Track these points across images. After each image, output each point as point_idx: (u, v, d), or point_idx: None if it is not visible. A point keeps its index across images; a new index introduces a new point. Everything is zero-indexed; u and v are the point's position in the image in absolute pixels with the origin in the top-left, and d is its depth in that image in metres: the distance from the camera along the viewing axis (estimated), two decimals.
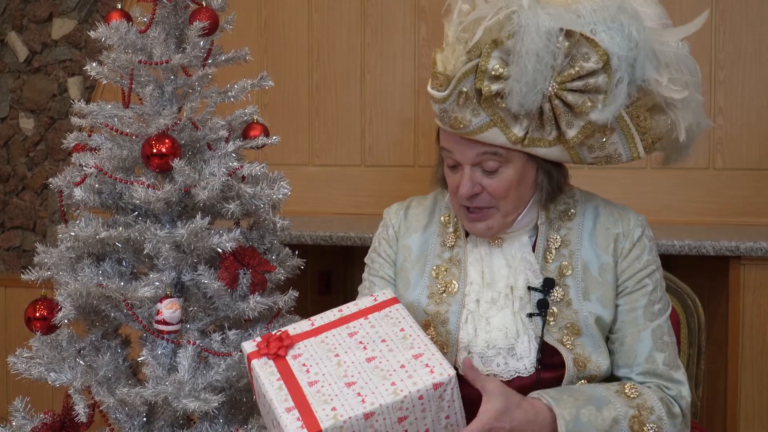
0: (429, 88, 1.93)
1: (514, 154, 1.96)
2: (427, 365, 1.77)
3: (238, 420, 2.22)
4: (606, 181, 3.25)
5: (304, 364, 1.83)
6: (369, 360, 1.81)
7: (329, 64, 3.98)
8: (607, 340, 2.02)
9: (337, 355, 1.84)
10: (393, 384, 1.74)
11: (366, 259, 2.25)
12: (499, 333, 1.99)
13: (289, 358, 1.85)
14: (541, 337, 1.95)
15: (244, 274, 2.16)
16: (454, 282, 2.06)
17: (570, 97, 1.87)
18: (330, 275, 3.86)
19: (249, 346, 1.89)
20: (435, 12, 3.72)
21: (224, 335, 2.16)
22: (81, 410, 2.07)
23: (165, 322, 2.08)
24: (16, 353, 2.20)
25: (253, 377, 1.87)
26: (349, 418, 1.68)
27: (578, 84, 1.87)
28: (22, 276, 2.18)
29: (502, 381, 1.92)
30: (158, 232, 2.10)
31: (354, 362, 1.82)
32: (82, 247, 2.15)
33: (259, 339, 1.89)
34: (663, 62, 1.96)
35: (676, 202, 3.55)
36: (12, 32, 4.52)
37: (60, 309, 2.09)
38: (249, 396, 2.23)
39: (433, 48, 2.19)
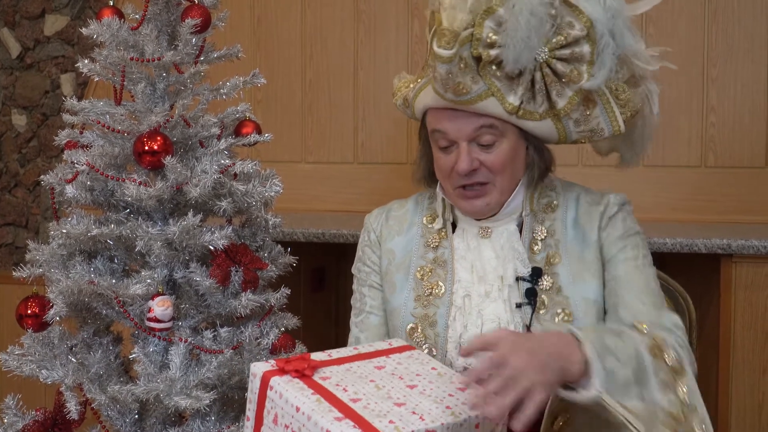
0: (436, 48, 1.91)
1: (509, 128, 2.00)
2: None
3: (230, 417, 2.22)
4: (597, 178, 3.25)
5: (338, 384, 1.66)
6: (411, 387, 1.69)
7: (322, 61, 3.98)
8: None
9: (372, 381, 1.69)
10: (448, 407, 1.62)
11: (353, 270, 2.25)
12: (493, 324, 1.99)
13: (316, 378, 1.69)
14: (528, 327, 1.95)
15: (236, 271, 2.15)
16: (440, 284, 2.07)
17: (559, 66, 1.93)
18: (323, 272, 3.86)
19: (262, 366, 1.73)
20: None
21: (216, 333, 2.16)
22: (73, 407, 2.06)
23: (157, 320, 2.08)
24: (8, 350, 2.20)
25: (269, 398, 1.69)
26: (413, 431, 1.53)
27: (566, 52, 1.93)
28: (14, 273, 2.18)
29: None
30: (150, 229, 2.10)
31: (395, 388, 1.67)
32: (74, 245, 2.14)
33: (271, 361, 1.75)
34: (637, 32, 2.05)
35: (668, 200, 3.56)
36: (4, 28, 4.51)
37: (52, 306, 2.09)
38: (241, 393, 2.23)
39: (427, 45, 2.20)
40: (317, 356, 1.79)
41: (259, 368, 1.73)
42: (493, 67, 1.93)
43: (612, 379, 1.66)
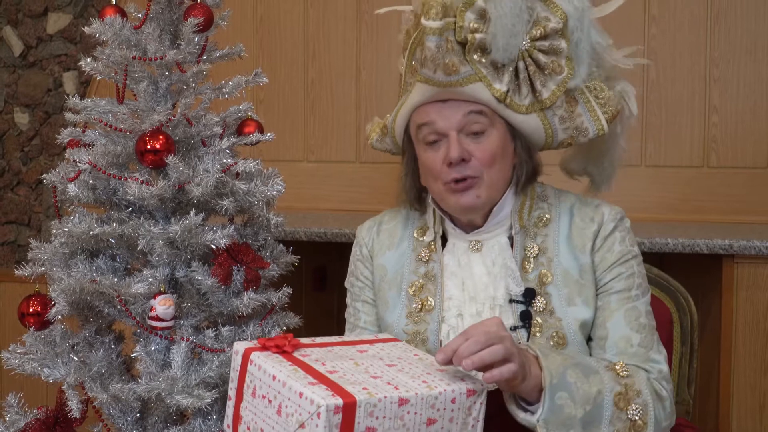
0: (424, 21, 1.90)
1: (497, 119, 1.98)
2: (455, 375, 1.70)
3: None
4: None
5: (317, 360, 1.70)
6: (390, 366, 1.72)
7: (324, 60, 3.98)
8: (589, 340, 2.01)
9: (352, 359, 1.73)
10: (424, 382, 1.65)
11: (346, 284, 2.24)
12: None
13: (296, 355, 1.73)
14: None
15: (238, 270, 2.15)
16: (430, 299, 2.05)
17: (541, 57, 1.94)
18: (324, 271, 3.86)
19: (245, 344, 1.79)
20: None
21: (218, 331, 2.16)
22: (74, 406, 2.06)
23: (158, 319, 2.08)
24: (10, 349, 2.20)
25: (248, 373, 1.73)
26: (384, 397, 1.56)
27: (545, 44, 1.95)
28: (16, 271, 2.18)
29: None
30: (152, 228, 2.10)
31: (373, 365, 1.71)
32: (76, 243, 2.15)
33: (254, 341, 1.80)
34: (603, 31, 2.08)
35: (670, 200, 3.56)
36: (7, 26, 4.52)
37: (54, 305, 2.09)
38: None
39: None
40: (300, 340, 1.83)
41: (241, 346, 1.79)
42: (477, 54, 1.92)
43: (557, 414, 1.76)
